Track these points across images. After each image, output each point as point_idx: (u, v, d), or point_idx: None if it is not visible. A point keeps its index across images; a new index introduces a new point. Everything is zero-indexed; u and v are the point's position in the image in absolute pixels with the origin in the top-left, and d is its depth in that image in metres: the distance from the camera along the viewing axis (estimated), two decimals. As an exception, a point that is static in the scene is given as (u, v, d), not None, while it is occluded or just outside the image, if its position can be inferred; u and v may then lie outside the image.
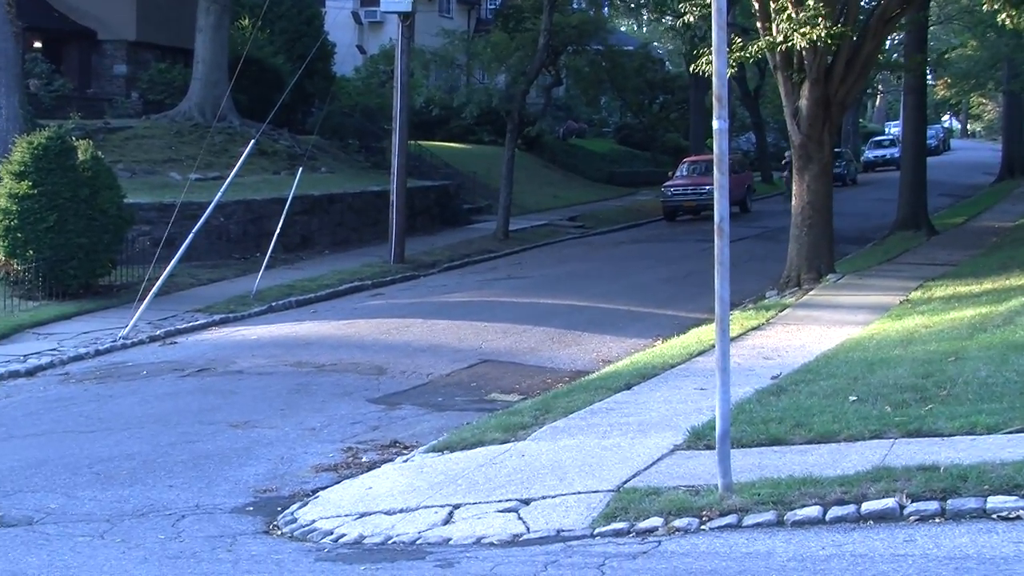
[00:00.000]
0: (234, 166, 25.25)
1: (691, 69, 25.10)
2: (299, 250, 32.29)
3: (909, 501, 8.28)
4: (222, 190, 24.50)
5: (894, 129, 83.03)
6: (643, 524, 8.77)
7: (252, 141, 26.77)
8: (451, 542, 9.24)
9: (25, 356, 19.93)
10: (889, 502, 8.30)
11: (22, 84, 31.40)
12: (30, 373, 18.88)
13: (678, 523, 8.65)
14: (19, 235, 23.58)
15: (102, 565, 9.31)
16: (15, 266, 23.75)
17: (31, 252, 23.58)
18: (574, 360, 18.83)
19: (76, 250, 23.95)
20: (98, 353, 20.38)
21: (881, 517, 8.20)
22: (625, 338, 20.46)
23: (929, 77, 53.51)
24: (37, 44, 40.52)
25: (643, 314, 23.08)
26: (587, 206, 49.02)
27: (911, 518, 8.13)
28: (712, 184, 9.35)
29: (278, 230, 26.99)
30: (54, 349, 20.55)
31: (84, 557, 9.60)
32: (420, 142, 46.60)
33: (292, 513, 10.74)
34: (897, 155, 53.98)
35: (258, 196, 32.04)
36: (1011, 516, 7.93)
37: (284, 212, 27.19)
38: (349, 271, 29.59)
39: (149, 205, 28.37)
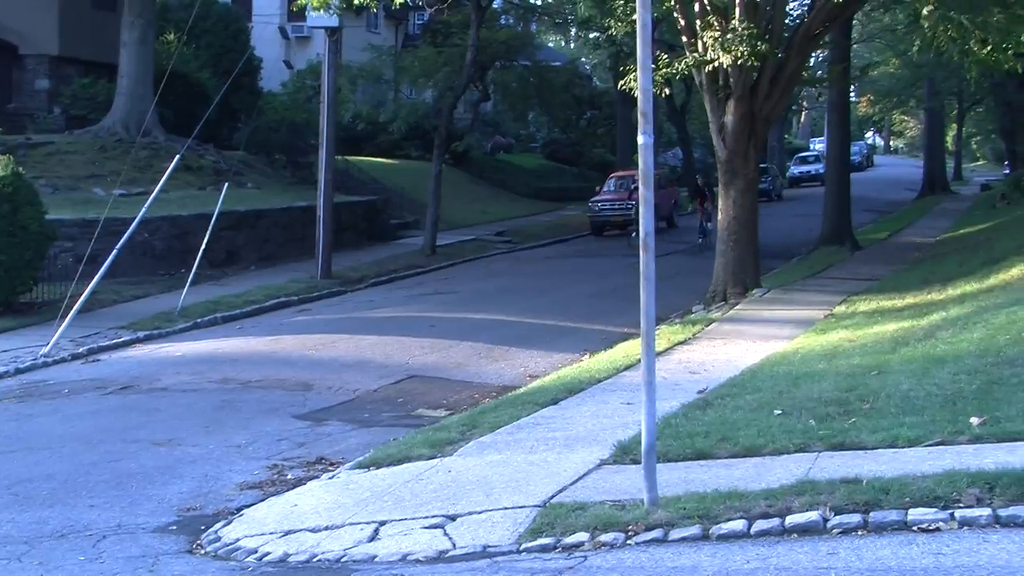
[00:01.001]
0: (159, 182, 25.02)
1: (619, 86, 25.31)
2: (225, 266, 32.06)
3: (832, 514, 8.33)
4: (146, 206, 24.25)
5: (819, 145, 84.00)
6: (569, 539, 8.76)
7: (177, 156, 26.53)
8: (377, 559, 9.18)
9: (-57, 374, 19.61)
10: (813, 515, 8.34)
11: (-59, 98, 30.95)
12: (-52, 392, 18.56)
13: (604, 538, 8.65)
14: (-62, 251, 23.21)
15: (21, 587, 9.17)
16: (-67, 283, 23.35)
17: (-50, 269, 23.22)
18: (501, 375, 18.82)
19: (-4, 267, 23.61)
20: (18, 371, 20.07)
21: (805, 530, 8.25)
22: (552, 353, 20.49)
23: (852, 94, 54.23)
24: (-44, 58, 39.96)
25: (570, 329, 23.13)
26: (515, 221, 49.12)
27: (834, 531, 8.19)
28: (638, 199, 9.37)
29: (203, 246, 26.77)
30: (-27, 367, 20.22)
31: (2, 579, 9.45)
32: (347, 157, 46.49)
33: (216, 532, 10.62)
34: (822, 171, 54.60)
35: (183, 212, 31.77)
36: (931, 528, 8.00)
37: (210, 228, 26.99)
38: (275, 287, 29.41)
39: (72, 221, 28.03)
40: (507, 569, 8.40)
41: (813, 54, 35.68)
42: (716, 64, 23.30)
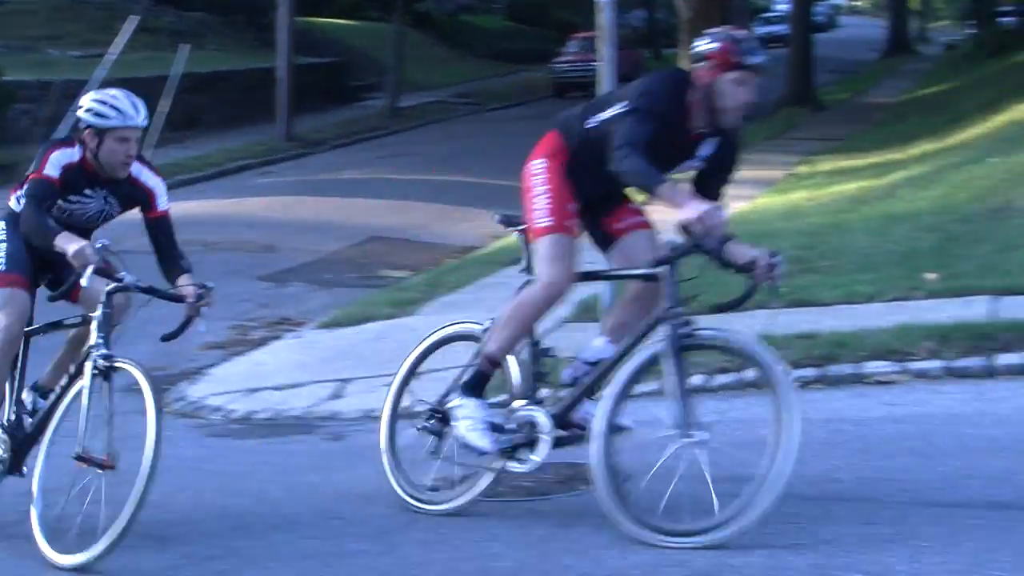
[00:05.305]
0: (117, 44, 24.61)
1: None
2: (186, 129, 31.65)
3: (790, 368, 8.45)
4: (104, 68, 23.87)
5: (783, 5, 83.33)
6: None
7: (135, 17, 26.06)
8: (340, 416, 9.30)
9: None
10: (770, 369, 8.46)
11: None
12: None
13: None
14: None
15: None
16: None
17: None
18: (464, 236, 18.85)
19: (-48, 129, 23.39)
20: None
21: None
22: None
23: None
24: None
25: (534, 190, 23.07)
26: (477, 83, 48.76)
27: (793, 384, 8.31)
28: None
29: (165, 109, 26.45)
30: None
31: None
32: (308, 18, 45.79)
33: (181, 390, 10.71)
34: (786, 31, 54.22)
35: (142, 74, 31.29)
36: (886, 380, 8.18)
37: (170, 90, 26.65)
38: (237, 150, 29.21)
39: (31, 83, 27.64)
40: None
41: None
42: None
